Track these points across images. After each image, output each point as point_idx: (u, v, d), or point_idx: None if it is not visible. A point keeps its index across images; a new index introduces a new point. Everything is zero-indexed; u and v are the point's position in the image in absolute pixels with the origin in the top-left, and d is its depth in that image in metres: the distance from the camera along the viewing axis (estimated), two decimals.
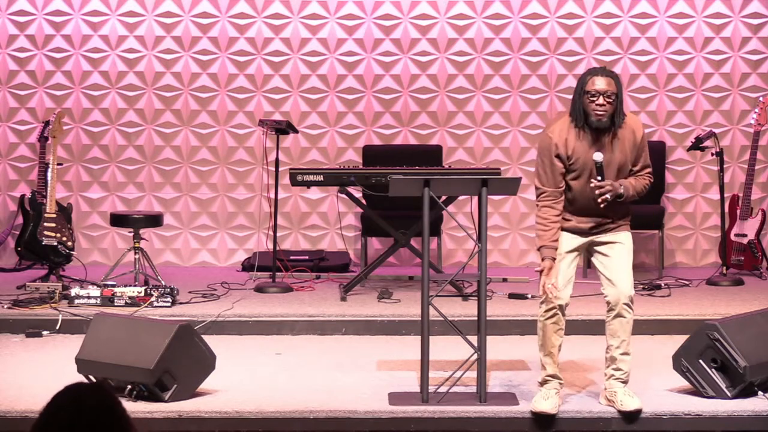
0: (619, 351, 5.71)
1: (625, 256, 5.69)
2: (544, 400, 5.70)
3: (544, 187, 5.65)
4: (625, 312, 5.68)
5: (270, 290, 8.16)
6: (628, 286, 5.68)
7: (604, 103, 5.55)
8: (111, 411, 2.76)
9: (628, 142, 5.64)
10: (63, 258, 8.27)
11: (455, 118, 9.41)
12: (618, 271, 5.67)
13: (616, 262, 5.68)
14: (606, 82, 5.55)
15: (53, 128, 8.42)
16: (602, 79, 5.56)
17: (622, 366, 5.72)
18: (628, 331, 5.71)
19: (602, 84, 5.55)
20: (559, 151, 5.60)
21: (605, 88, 5.55)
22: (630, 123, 5.68)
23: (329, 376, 6.39)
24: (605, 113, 5.56)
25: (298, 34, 9.37)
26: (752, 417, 5.67)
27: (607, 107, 5.55)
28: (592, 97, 5.56)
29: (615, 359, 5.72)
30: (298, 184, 8.07)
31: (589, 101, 5.57)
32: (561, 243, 5.67)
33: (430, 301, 5.78)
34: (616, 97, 5.57)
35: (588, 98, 5.57)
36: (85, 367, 5.93)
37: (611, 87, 5.56)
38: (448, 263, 9.17)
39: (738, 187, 9.15)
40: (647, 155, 5.75)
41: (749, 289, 8.37)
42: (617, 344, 5.70)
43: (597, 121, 5.56)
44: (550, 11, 9.34)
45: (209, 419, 5.66)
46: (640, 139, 5.68)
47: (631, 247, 5.74)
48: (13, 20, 9.30)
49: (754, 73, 9.33)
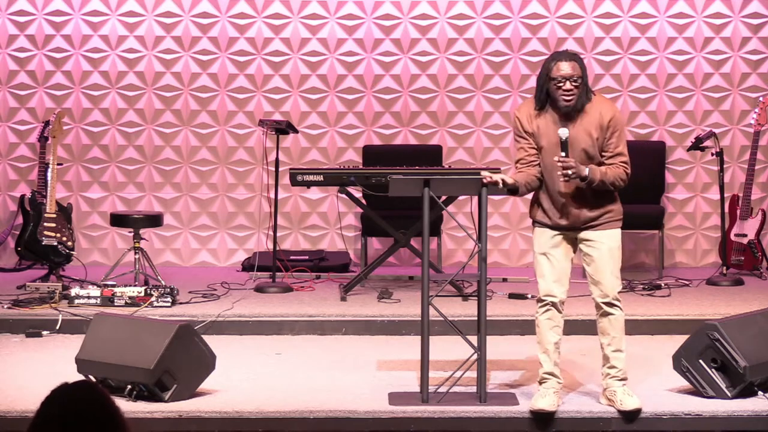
0: (611, 348, 5.71)
1: (608, 255, 5.67)
2: (542, 398, 5.71)
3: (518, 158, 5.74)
4: (612, 309, 5.68)
5: (270, 290, 8.16)
6: (612, 286, 5.68)
7: (571, 88, 5.57)
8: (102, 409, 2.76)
9: (593, 123, 5.61)
10: (63, 258, 8.27)
11: (455, 118, 9.41)
12: (601, 271, 5.67)
13: (599, 261, 5.67)
14: (571, 66, 5.57)
15: (53, 128, 8.42)
16: (567, 63, 5.58)
17: (616, 363, 5.72)
18: (617, 328, 5.71)
19: (567, 69, 5.57)
20: (524, 126, 5.65)
21: (570, 72, 5.56)
22: (598, 104, 5.65)
23: (329, 376, 6.39)
24: (573, 98, 5.58)
25: (298, 34, 9.37)
26: (752, 417, 5.68)
27: (574, 91, 5.57)
28: (558, 83, 5.57)
29: (608, 357, 5.73)
30: (298, 184, 8.07)
31: (556, 87, 5.58)
32: (543, 239, 5.69)
33: (430, 301, 5.78)
34: (582, 80, 5.59)
35: (554, 84, 5.58)
36: (85, 367, 5.94)
37: (576, 71, 5.58)
38: (448, 263, 9.17)
39: (738, 187, 9.15)
40: (621, 143, 5.66)
41: (749, 289, 8.37)
42: (608, 342, 5.72)
43: (565, 107, 5.58)
44: (550, 11, 9.34)
45: (209, 419, 5.67)
46: (608, 122, 5.61)
47: (616, 245, 5.69)
48: (13, 20, 9.30)
49: (754, 73, 9.33)
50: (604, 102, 5.74)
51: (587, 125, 5.61)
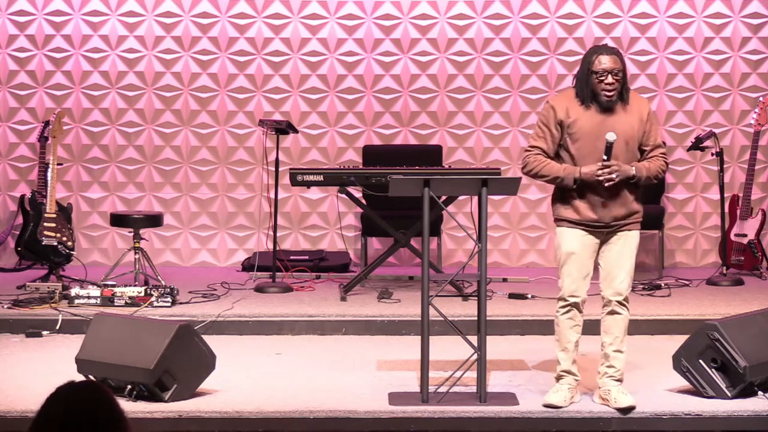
0: (612, 348, 5.72)
1: (628, 255, 5.68)
2: (554, 393, 5.73)
3: (537, 145, 5.66)
4: (619, 309, 5.69)
5: (270, 290, 8.16)
6: (625, 286, 5.68)
7: (613, 81, 5.56)
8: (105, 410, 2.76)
9: (633, 116, 5.62)
10: (63, 258, 8.27)
11: (455, 118, 9.41)
12: (617, 268, 5.66)
13: (619, 259, 5.67)
14: (612, 60, 5.56)
15: (53, 128, 8.42)
16: (608, 57, 5.56)
17: (615, 363, 5.72)
18: (621, 329, 5.71)
19: (609, 62, 5.55)
20: (559, 116, 5.60)
21: (612, 65, 5.55)
22: (634, 99, 5.68)
23: (329, 376, 6.39)
24: (615, 91, 5.57)
25: (298, 34, 9.37)
26: (752, 417, 5.67)
27: (616, 85, 5.56)
28: (600, 76, 5.55)
29: (608, 356, 5.73)
30: (298, 184, 8.07)
31: (598, 81, 5.56)
32: (571, 239, 5.65)
33: (430, 301, 5.78)
34: (623, 73, 5.58)
35: (596, 78, 5.55)
36: (85, 367, 5.93)
37: (617, 64, 5.57)
38: (448, 263, 9.17)
39: (738, 187, 9.15)
40: (657, 134, 5.72)
41: (749, 289, 8.37)
42: (610, 341, 5.72)
43: (607, 101, 5.56)
44: (550, 11, 9.34)
45: (209, 419, 5.66)
46: (647, 116, 5.65)
47: (635, 246, 5.72)
48: (13, 20, 9.30)
49: (754, 73, 9.33)
50: (638, 96, 5.78)
51: (629, 119, 5.61)
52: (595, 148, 5.56)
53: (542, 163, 5.64)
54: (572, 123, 5.59)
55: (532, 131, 5.81)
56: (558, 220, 5.73)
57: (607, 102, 5.57)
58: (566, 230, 5.69)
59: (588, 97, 5.59)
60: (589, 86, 5.58)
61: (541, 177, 5.67)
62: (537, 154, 5.65)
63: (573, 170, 5.57)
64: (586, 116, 5.59)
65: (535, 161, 5.65)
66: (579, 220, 5.65)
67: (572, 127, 5.60)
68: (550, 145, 5.65)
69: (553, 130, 5.63)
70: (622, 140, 5.58)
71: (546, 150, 5.65)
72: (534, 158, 5.66)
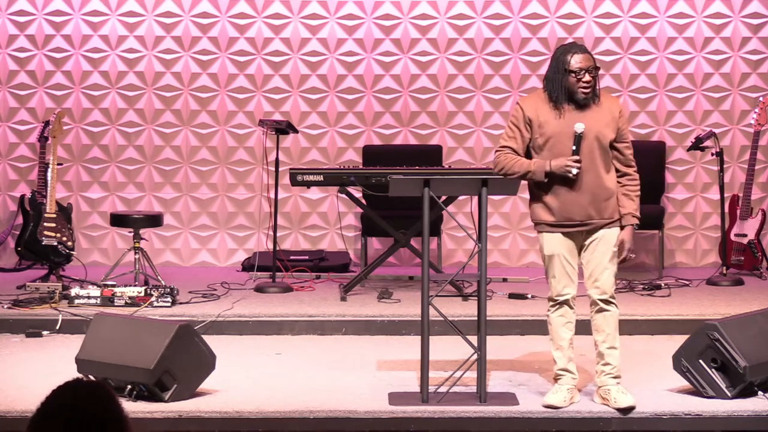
0: (606, 345, 5.72)
1: (608, 253, 5.68)
2: (553, 394, 5.74)
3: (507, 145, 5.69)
4: (608, 306, 5.70)
5: (270, 290, 8.16)
6: (609, 284, 5.70)
7: (590, 79, 5.60)
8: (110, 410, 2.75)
9: (606, 113, 5.64)
10: (63, 258, 8.27)
11: (455, 118, 9.41)
12: (600, 268, 5.67)
13: (601, 258, 5.68)
14: (587, 58, 5.61)
15: (53, 128, 8.42)
16: (582, 55, 5.60)
17: (611, 360, 5.72)
18: (612, 325, 5.72)
19: (585, 60, 5.59)
20: (528, 116, 5.62)
21: (588, 63, 5.59)
22: (604, 96, 5.72)
23: (329, 376, 6.39)
24: (591, 88, 5.61)
25: (298, 34, 9.37)
26: (752, 417, 5.67)
27: (592, 82, 5.61)
28: (578, 75, 5.57)
29: (603, 354, 5.74)
30: (298, 184, 8.08)
31: (576, 79, 5.58)
32: (553, 242, 5.68)
33: (430, 301, 5.78)
34: (597, 70, 5.62)
35: (575, 77, 5.57)
36: (85, 367, 5.94)
37: (591, 62, 5.62)
38: (448, 263, 9.17)
39: (738, 187, 9.15)
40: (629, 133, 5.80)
41: (749, 289, 8.37)
42: (603, 339, 5.73)
43: (584, 98, 5.60)
44: (550, 11, 9.34)
45: (209, 419, 5.66)
46: (619, 113, 5.69)
47: (614, 242, 5.70)
48: (13, 20, 9.30)
49: (754, 73, 9.33)
50: (609, 95, 5.83)
51: (602, 115, 5.64)
52: (567, 147, 5.60)
53: (512, 160, 5.68)
54: (543, 123, 5.63)
55: (503, 131, 5.84)
56: (537, 224, 5.76)
57: (584, 99, 5.60)
58: (545, 235, 5.72)
59: (563, 97, 5.60)
60: (564, 85, 5.60)
61: (513, 174, 5.69)
62: (507, 153, 5.69)
63: (543, 164, 5.61)
64: (556, 116, 5.62)
65: (505, 159, 5.69)
66: (555, 222, 5.67)
67: (543, 127, 5.63)
68: (520, 145, 5.68)
69: (522, 130, 5.67)
70: (593, 136, 5.60)
71: (516, 149, 5.69)
72: (504, 156, 5.70)
